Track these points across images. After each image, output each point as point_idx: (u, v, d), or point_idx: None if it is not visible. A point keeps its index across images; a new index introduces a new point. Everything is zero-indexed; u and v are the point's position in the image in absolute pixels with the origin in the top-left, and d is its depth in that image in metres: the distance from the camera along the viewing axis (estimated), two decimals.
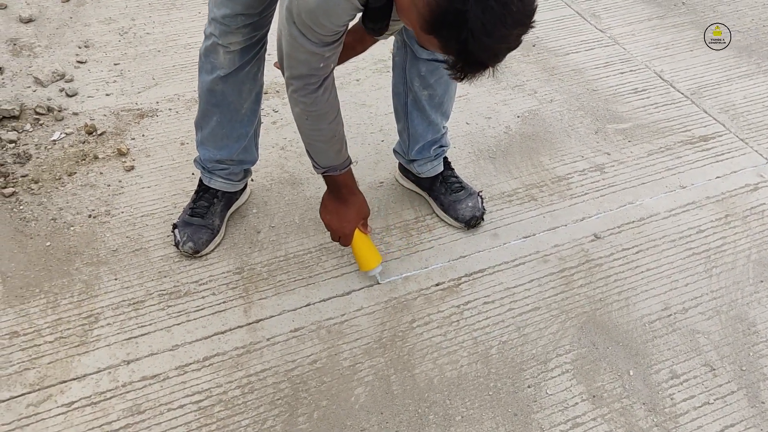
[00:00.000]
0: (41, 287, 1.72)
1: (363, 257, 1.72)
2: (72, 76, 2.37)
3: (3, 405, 1.48)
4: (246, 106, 1.73)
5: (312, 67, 1.37)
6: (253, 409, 1.50)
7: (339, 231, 1.68)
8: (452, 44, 1.07)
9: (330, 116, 1.49)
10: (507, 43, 1.07)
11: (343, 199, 1.65)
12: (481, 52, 1.06)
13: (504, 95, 2.42)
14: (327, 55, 1.36)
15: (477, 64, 1.10)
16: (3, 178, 1.97)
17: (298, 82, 1.40)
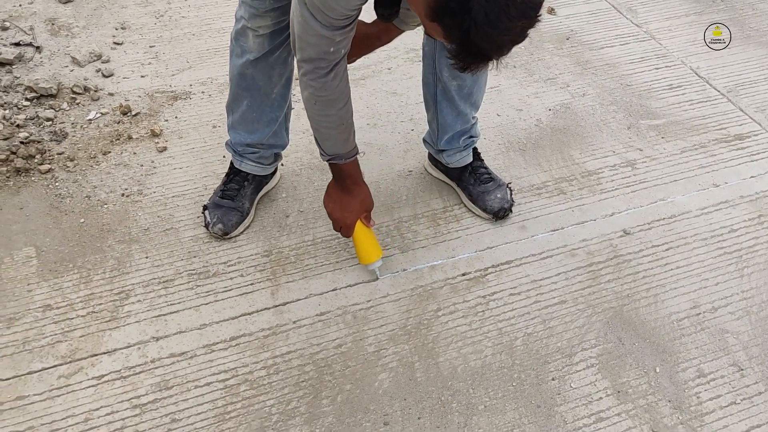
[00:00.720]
0: (75, 262, 1.76)
1: (363, 250, 1.71)
2: (108, 57, 2.41)
3: (35, 376, 1.52)
4: (276, 90, 1.74)
5: (322, 51, 1.36)
6: (278, 390, 1.52)
7: (340, 221, 1.67)
8: (455, 33, 1.06)
9: (339, 103, 1.48)
10: (510, 35, 1.05)
11: (347, 189, 1.65)
12: (484, 42, 1.04)
13: (536, 88, 2.40)
14: (337, 40, 1.35)
15: (479, 55, 1.08)
16: (40, 155, 2.01)
17: (309, 65, 1.40)
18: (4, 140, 1.99)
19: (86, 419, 1.45)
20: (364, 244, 1.70)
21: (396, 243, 1.85)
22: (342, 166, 1.60)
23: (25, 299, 1.66)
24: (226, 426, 1.45)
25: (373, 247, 1.72)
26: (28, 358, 1.55)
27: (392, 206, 1.96)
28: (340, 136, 1.54)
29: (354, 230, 1.68)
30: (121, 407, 1.47)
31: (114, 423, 1.44)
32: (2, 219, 1.84)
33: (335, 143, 1.56)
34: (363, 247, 1.71)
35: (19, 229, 1.82)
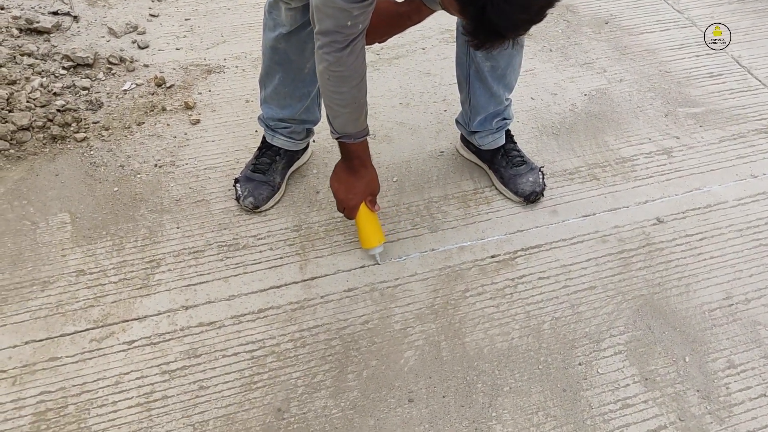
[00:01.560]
0: (108, 230, 1.78)
1: (364, 234, 1.69)
2: (144, 29, 2.42)
3: (68, 338, 1.55)
4: (309, 65, 1.73)
5: (339, 24, 1.34)
6: (304, 363, 1.53)
7: (344, 202, 1.65)
8: (470, 9, 1.04)
9: (353, 81, 1.46)
10: (527, 13, 1.03)
11: (354, 170, 1.63)
12: (500, 19, 1.02)
13: (572, 72, 2.37)
14: (355, 14, 1.32)
15: (494, 33, 1.06)
16: (76, 123, 2.03)
17: (325, 38, 1.38)
18: (42, 107, 2.02)
19: (116, 382, 1.47)
20: (366, 228, 1.69)
21: (425, 223, 1.85)
22: (350, 145, 1.58)
23: (59, 264, 1.69)
24: (253, 396, 1.47)
25: (375, 232, 1.69)
26: (61, 321, 1.58)
27: (422, 186, 1.95)
28: (351, 115, 1.52)
29: (357, 213, 1.67)
30: (151, 372, 1.50)
31: (143, 387, 1.47)
32: (39, 184, 1.87)
33: (346, 122, 1.54)
34: (365, 231, 1.69)
35: (54, 195, 1.85)
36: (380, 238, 1.71)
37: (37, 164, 1.93)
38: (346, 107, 1.50)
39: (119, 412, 1.43)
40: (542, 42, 2.48)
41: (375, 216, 1.70)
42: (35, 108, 2.01)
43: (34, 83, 2.08)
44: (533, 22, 1.07)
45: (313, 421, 1.43)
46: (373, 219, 1.69)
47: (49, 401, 1.43)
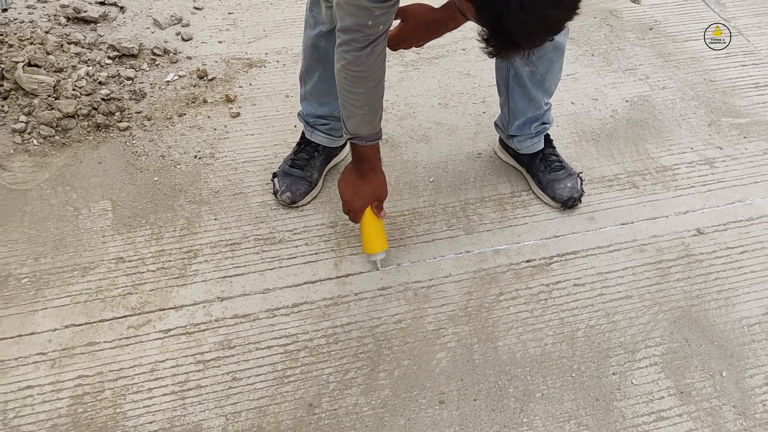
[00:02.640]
0: (147, 219, 1.81)
1: (368, 239, 1.67)
2: (188, 21, 2.45)
3: (106, 324, 1.57)
4: None
5: (359, 23, 1.34)
6: (337, 359, 1.54)
7: (350, 204, 1.64)
8: (487, 15, 1.03)
9: (369, 82, 1.45)
10: (544, 24, 1.02)
11: (363, 173, 1.62)
12: (515, 28, 1.01)
13: (614, 78, 2.34)
14: (377, 14, 1.32)
15: (509, 41, 1.05)
16: (119, 112, 2.06)
17: (345, 35, 1.37)
18: (87, 96, 2.05)
19: (152, 370, 1.50)
20: (369, 233, 1.67)
21: (461, 224, 1.84)
22: (361, 148, 1.57)
23: (100, 250, 1.72)
24: (285, 389, 1.48)
25: (377, 238, 1.67)
26: (100, 306, 1.61)
27: (459, 187, 1.94)
28: (365, 117, 1.51)
29: (362, 217, 1.65)
30: (186, 361, 1.52)
31: (178, 376, 1.49)
32: (82, 171, 1.91)
33: (359, 123, 1.53)
34: (367, 236, 1.67)
35: (97, 183, 1.88)
36: (382, 245, 1.68)
37: (81, 151, 1.96)
38: (361, 108, 1.49)
39: (154, 399, 1.45)
40: (584, 46, 2.46)
41: (380, 222, 1.68)
42: (81, 96, 2.05)
43: (81, 72, 2.12)
44: (550, 33, 1.06)
45: (343, 418, 1.44)
46: (377, 224, 1.67)
47: (87, 385, 1.46)
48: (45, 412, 1.41)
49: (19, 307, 1.59)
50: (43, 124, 1.97)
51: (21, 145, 1.95)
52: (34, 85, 2.01)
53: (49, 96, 2.02)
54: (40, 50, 2.11)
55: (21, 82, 2.01)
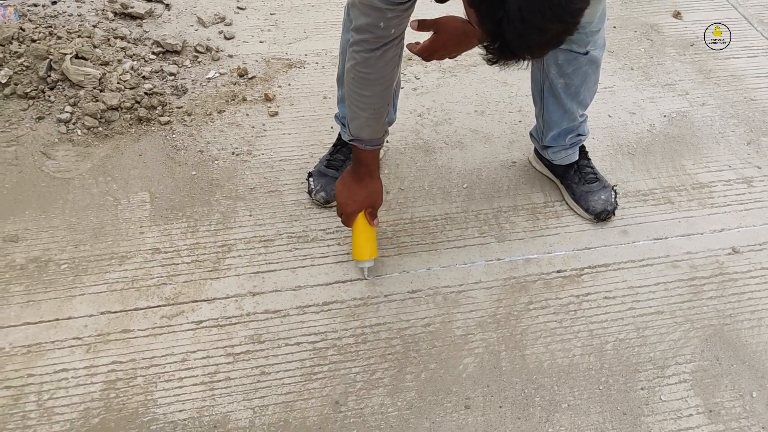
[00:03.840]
0: (184, 212, 1.84)
1: (358, 245, 1.66)
2: (231, 21, 2.49)
3: (141, 312, 1.61)
4: None
5: (372, 24, 1.34)
6: (364, 359, 1.55)
7: (343, 207, 1.64)
8: (487, 23, 1.03)
9: (377, 86, 1.45)
10: (542, 35, 1.01)
11: (359, 177, 1.62)
12: (514, 38, 1.01)
13: (652, 92, 2.32)
14: (389, 16, 1.32)
15: (508, 51, 1.05)
16: (161, 107, 2.11)
17: (357, 35, 1.38)
18: (131, 89, 2.10)
19: (183, 359, 1.52)
20: (359, 240, 1.66)
21: (493, 231, 1.85)
22: (361, 151, 1.57)
23: (137, 240, 1.76)
24: (312, 386, 1.50)
25: (367, 246, 1.66)
26: (135, 295, 1.64)
27: (492, 195, 1.95)
28: (368, 120, 1.52)
29: (354, 221, 1.65)
30: (216, 353, 1.54)
31: (208, 367, 1.52)
32: (123, 163, 1.95)
33: (361, 126, 1.53)
34: (357, 242, 1.66)
35: (137, 174, 1.92)
36: (371, 253, 1.67)
37: (122, 143, 2.01)
38: (365, 111, 1.50)
39: (184, 389, 1.48)
40: (624, 60, 2.45)
41: (372, 230, 1.67)
42: (125, 89, 2.10)
43: (125, 66, 2.17)
44: (549, 45, 1.05)
45: (369, 417, 1.45)
46: (368, 232, 1.66)
47: (120, 371, 1.49)
48: (78, 395, 1.45)
49: (57, 291, 1.63)
50: (87, 115, 2.02)
51: (65, 135, 2.00)
52: (80, 77, 2.06)
53: (94, 88, 2.07)
54: (87, 43, 2.17)
55: (68, 73, 2.06)
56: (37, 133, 2.00)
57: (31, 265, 1.68)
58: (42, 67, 2.07)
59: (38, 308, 1.59)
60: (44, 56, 2.08)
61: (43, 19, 2.30)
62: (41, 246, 1.72)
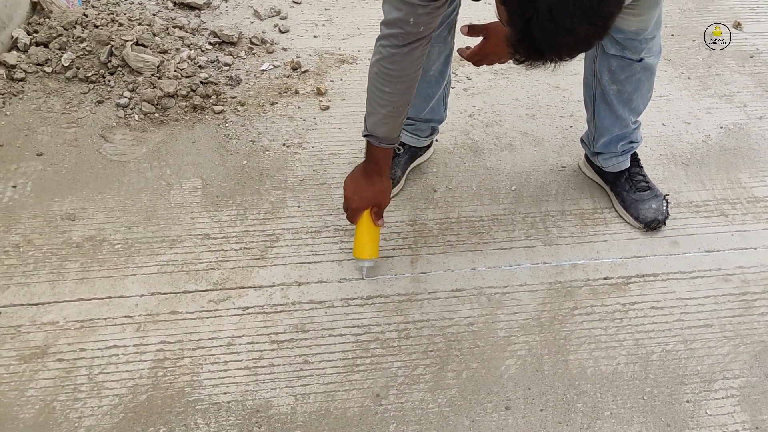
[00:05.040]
0: (234, 200, 1.87)
1: (359, 243, 1.65)
2: (286, 14, 2.52)
3: (189, 296, 1.64)
4: (434, 67, 1.74)
5: (402, 20, 1.34)
6: (407, 354, 1.56)
7: (349, 201, 1.64)
8: (516, 20, 1.02)
9: (399, 84, 1.45)
10: (571, 36, 1.00)
11: (368, 174, 1.62)
12: (542, 37, 1.00)
13: (709, 103, 2.28)
14: (419, 12, 1.32)
15: (535, 50, 1.04)
16: (215, 96, 2.14)
17: (386, 29, 1.38)
18: (187, 78, 2.14)
19: (229, 344, 1.55)
20: (361, 238, 1.65)
21: (540, 235, 1.84)
22: (374, 148, 1.57)
23: (187, 225, 1.80)
24: (354, 377, 1.51)
25: (369, 245, 1.65)
26: (184, 278, 1.67)
27: (540, 198, 1.93)
28: (385, 118, 1.51)
29: (359, 218, 1.65)
30: (261, 339, 1.56)
31: (253, 353, 1.54)
32: (177, 149, 1.99)
33: (378, 122, 1.53)
34: (359, 240, 1.65)
35: (189, 161, 1.96)
36: (372, 253, 1.66)
37: (177, 130, 2.05)
38: (384, 108, 1.50)
39: (229, 372, 1.50)
40: (681, 68, 2.40)
41: (376, 229, 1.66)
42: (181, 78, 2.14)
43: (183, 55, 2.21)
44: (578, 49, 1.05)
45: (409, 412, 1.46)
46: (372, 231, 1.65)
47: (168, 351, 1.53)
48: (128, 372, 1.48)
49: (111, 270, 1.67)
50: (145, 101, 2.06)
51: (123, 119, 2.05)
52: (140, 64, 2.11)
53: (152, 75, 2.11)
54: (147, 31, 2.22)
55: (128, 59, 2.11)
56: (96, 116, 2.05)
57: (87, 244, 1.72)
58: (103, 53, 2.12)
59: (92, 285, 1.63)
60: (106, 42, 2.14)
61: (105, 5, 2.37)
62: (97, 225, 1.77)
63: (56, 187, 1.85)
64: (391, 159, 1.89)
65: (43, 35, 2.16)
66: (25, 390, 1.44)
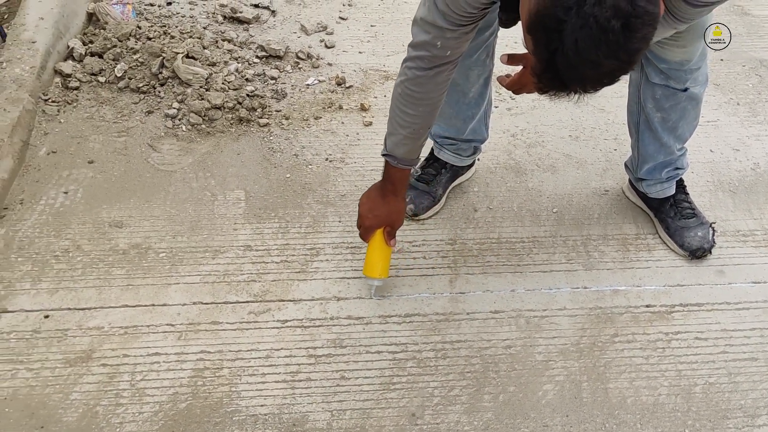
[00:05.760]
0: (276, 212, 1.89)
1: (370, 261, 1.65)
2: (333, 30, 2.55)
3: (230, 306, 1.66)
4: (474, 90, 1.74)
5: (429, 43, 1.34)
6: (443, 375, 1.56)
7: (362, 218, 1.63)
8: (542, 51, 1.02)
9: (421, 107, 1.45)
10: (597, 71, 1.00)
11: (384, 193, 1.61)
12: (567, 69, 1.00)
13: (758, 130, 2.24)
14: (447, 36, 1.32)
15: (559, 81, 1.04)
16: (261, 109, 2.18)
17: (413, 51, 1.39)
18: (234, 90, 2.18)
19: (267, 356, 1.57)
20: (373, 256, 1.65)
21: (581, 259, 1.82)
22: (391, 168, 1.57)
23: (230, 236, 1.82)
24: (390, 396, 1.51)
25: (379, 264, 1.65)
26: (225, 289, 1.70)
27: (582, 222, 1.92)
28: (405, 139, 1.51)
29: (371, 237, 1.64)
30: (299, 353, 1.58)
31: (290, 366, 1.55)
32: (222, 160, 2.03)
33: (397, 143, 1.53)
34: (370, 259, 1.65)
35: (234, 173, 1.99)
36: (382, 272, 1.65)
37: (222, 141, 2.09)
38: (405, 129, 1.50)
39: (267, 384, 1.52)
40: (729, 94, 2.36)
41: (388, 249, 1.66)
42: (228, 90, 2.18)
43: (231, 68, 2.25)
44: (602, 82, 1.04)
45: None
46: (384, 250, 1.65)
47: (207, 360, 1.55)
48: (169, 380, 1.51)
49: (155, 278, 1.70)
50: (193, 112, 2.11)
51: (171, 130, 2.09)
52: (189, 76, 2.16)
53: (201, 87, 2.16)
54: (197, 44, 2.27)
55: (178, 71, 2.16)
56: (145, 126, 2.10)
57: (133, 251, 1.76)
58: (155, 64, 2.18)
59: (136, 292, 1.67)
60: (158, 54, 2.19)
61: (158, 18, 2.43)
62: (143, 233, 1.81)
63: (105, 194, 1.90)
64: (437, 176, 1.91)
65: (98, 46, 2.22)
66: (69, 393, 1.47)
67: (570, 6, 0.96)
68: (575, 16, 0.96)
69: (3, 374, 1.49)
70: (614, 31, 0.95)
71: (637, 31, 0.97)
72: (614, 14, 0.95)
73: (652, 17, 0.98)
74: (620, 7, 0.95)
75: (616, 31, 0.95)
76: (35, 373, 1.50)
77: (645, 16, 0.97)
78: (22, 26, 2.20)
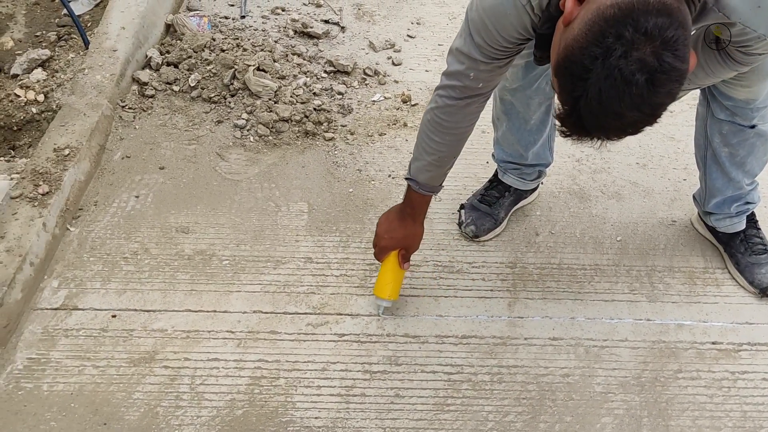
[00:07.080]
0: (338, 226, 1.92)
1: (381, 281, 1.65)
2: (400, 48, 2.58)
3: (288, 317, 1.69)
4: (535, 117, 1.74)
5: (461, 72, 1.35)
6: (498, 399, 1.54)
7: (378, 239, 1.63)
8: (567, 96, 1.02)
9: (448, 136, 1.46)
10: (619, 120, 0.99)
11: (403, 216, 1.61)
12: (589, 117, 0.99)
13: None
14: (481, 68, 1.32)
15: (581, 127, 1.03)
16: (327, 123, 2.21)
17: (446, 80, 1.40)
18: (302, 104, 2.22)
19: (323, 369, 1.58)
20: (385, 277, 1.65)
21: (644, 290, 1.78)
22: (412, 192, 1.56)
23: (292, 247, 1.85)
24: (443, 417, 1.50)
25: (390, 284, 1.65)
26: (285, 299, 1.72)
27: (647, 252, 1.87)
28: (429, 165, 1.51)
29: (385, 258, 1.64)
30: (354, 368, 1.59)
31: (346, 380, 1.56)
32: (287, 172, 2.06)
33: (421, 168, 1.52)
34: (382, 279, 1.65)
35: (298, 185, 2.03)
36: (392, 294, 1.65)
37: (288, 153, 2.13)
38: (430, 156, 1.50)
39: (321, 397, 1.53)
40: None
41: (401, 272, 1.65)
42: (296, 104, 2.22)
43: (300, 81, 2.30)
44: (626, 133, 1.04)
45: None
46: (397, 273, 1.65)
47: (265, 369, 1.57)
48: (227, 386, 1.54)
49: (218, 285, 1.74)
50: (261, 123, 2.16)
51: (239, 140, 2.14)
52: (259, 88, 2.21)
53: (270, 99, 2.21)
54: (268, 57, 2.32)
55: (249, 83, 2.22)
56: (215, 135, 2.16)
57: (197, 257, 1.81)
58: (227, 76, 2.24)
59: (199, 298, 1.71)
60: (230, 66, 2.25)
61: (231, 31, 2.50)
62: (207, 240, 1.85)
63: (174, 200, 1.95)
64: (500, 199, 1.89)
65: (174, 56, 2.30)
66: (132, 392, 1.52)
67: (597, 56, 0.96)
68: (601, 66, 0.96)
69: (71, 370, 1.55)
70: (638, 84, 0.95)
71: (662, 86, 0.97)
72: (639, 68, 0.95)
73: (679, 73, 0.97)
74: (646, 61, 0.95)
75: (640, 85, 0.95)
76: (101, 371, 1.55)
77: (672, 72, 0.96)
78: (105, 35, 2.29)
